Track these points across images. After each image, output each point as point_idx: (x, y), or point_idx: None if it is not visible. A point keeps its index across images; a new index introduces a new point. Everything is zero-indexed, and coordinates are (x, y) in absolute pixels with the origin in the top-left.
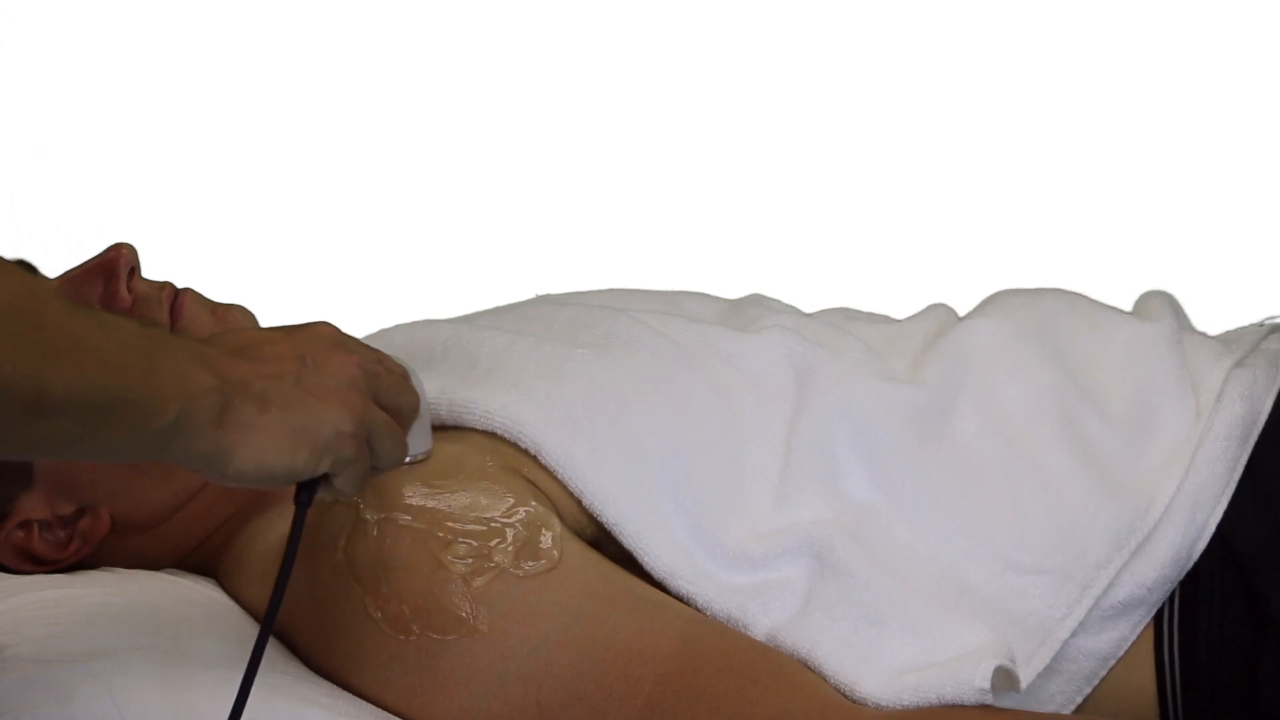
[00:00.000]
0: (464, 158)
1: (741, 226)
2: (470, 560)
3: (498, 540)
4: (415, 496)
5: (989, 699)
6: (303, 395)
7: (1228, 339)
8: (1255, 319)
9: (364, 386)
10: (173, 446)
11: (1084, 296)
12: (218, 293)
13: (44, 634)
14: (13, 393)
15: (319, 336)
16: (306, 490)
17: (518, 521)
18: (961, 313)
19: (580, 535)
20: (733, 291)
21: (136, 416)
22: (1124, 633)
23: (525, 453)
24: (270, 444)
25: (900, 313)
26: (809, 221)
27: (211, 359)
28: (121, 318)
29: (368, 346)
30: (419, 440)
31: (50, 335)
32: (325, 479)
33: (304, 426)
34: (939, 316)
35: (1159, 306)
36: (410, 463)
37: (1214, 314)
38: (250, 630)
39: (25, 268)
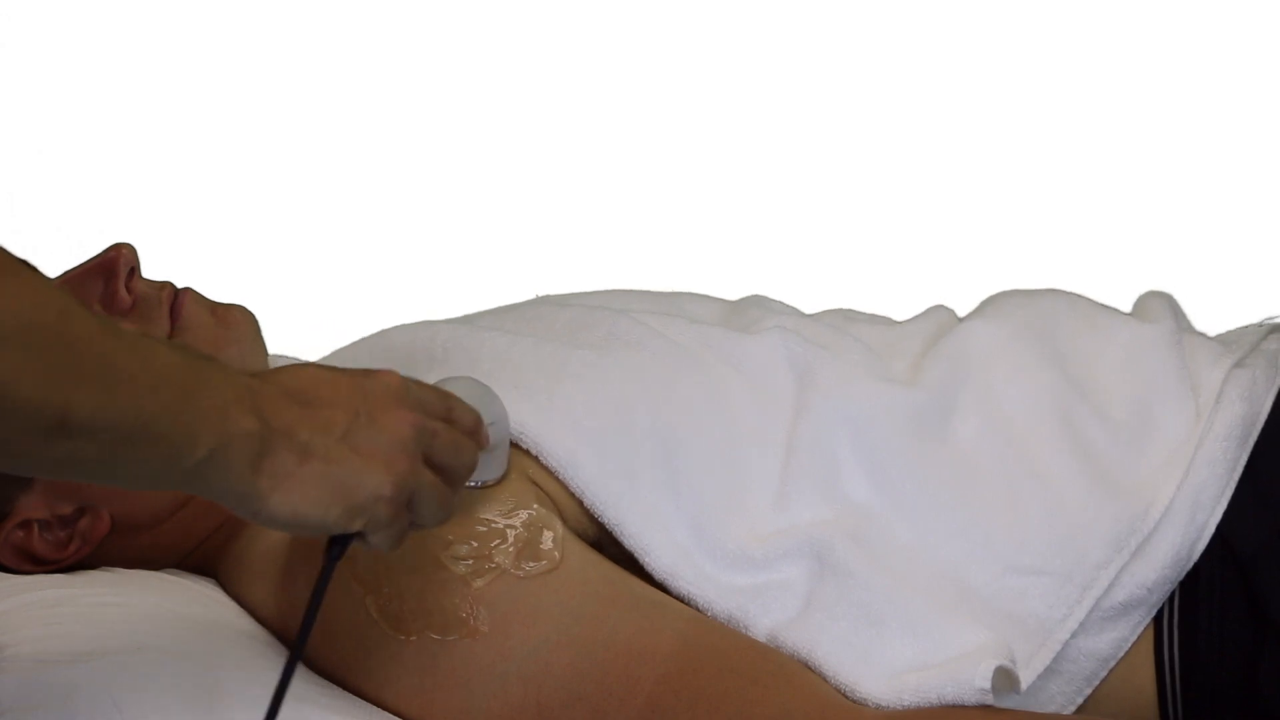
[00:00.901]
0: (464, 158)
1: (741, 226)
2: (471, 561)
3: (499, 541)
4: None
5: (989, 699)
6: (347, 452)
7: (1227, 339)
8: (1255, 319)
9: (414, 448)
10: (204, 483)
11: (1083, 297)
12: (218, 293)
13: (44, 634)
14: (34, 411)
15: (381, 388)
16: (338, 544)
17: (519, 523)
18: (961, 314)
19: (581, 536)
20: (733, 292)
21: (166, 449)
22: (1124, 633)
23: (526, 453)
24: (305, 496)
25: (900, 314)
26: (809, 222)
27: (260, 398)
28: (167, 344)
29: (436, 393)
30: (490, 467)
31: (79, 355)
32: (360, 534)
33: (342, 484)
34: (939, 318)
35: (1158, 307)
36: (474, 488)
37: (1214, 314)
38: (250, 630)
39: (25, 268)
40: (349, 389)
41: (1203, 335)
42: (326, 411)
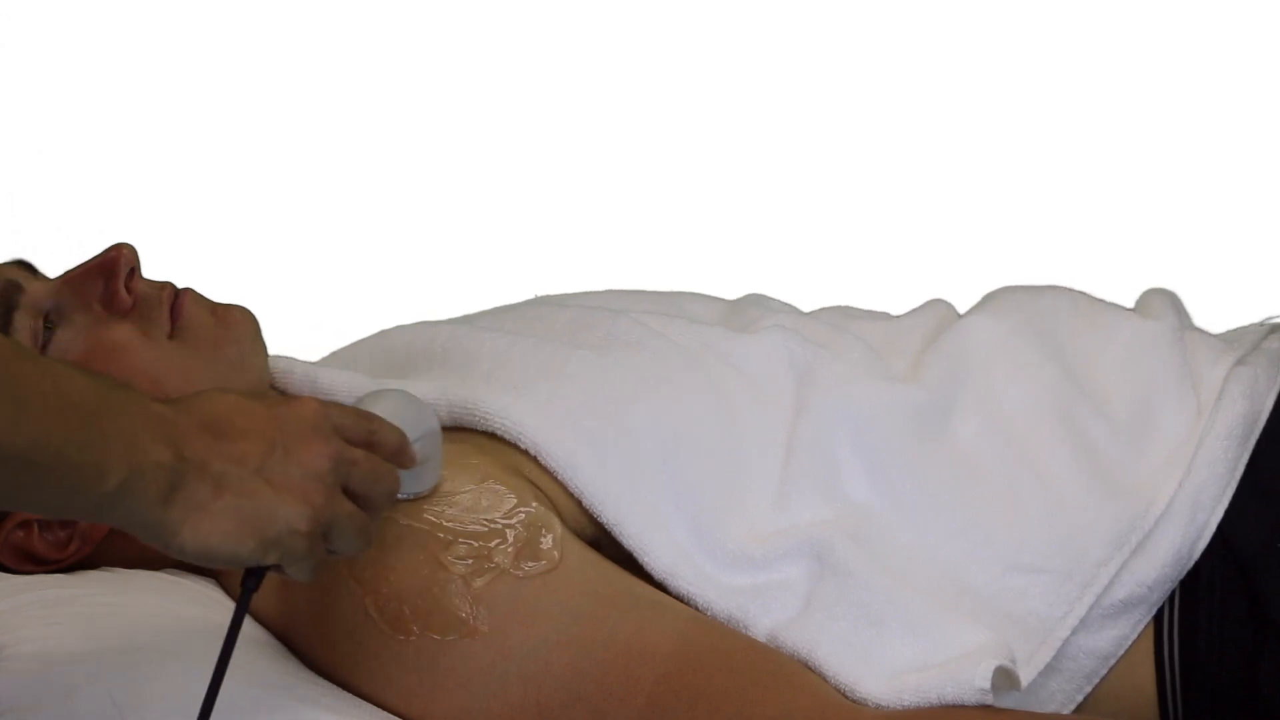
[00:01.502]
0: (464, 158)
1: (741, 226)
2: (470, 561)
3: (498, 541)
4: None
5: (989, 699)
6: (261, 484)
7: (1228, 338)
8: (1256, 318)
9: (331, 479)
10: (115, 513)
11: (1085, 294)
12: (218, 293)
13: (44, 634)
14: None
15: (298, 418)
16: (254, 576)
17: (518, 523)
18: (962, 312)
19: (581, 536)
20: (733, 291)
21: (73, 479)
22: (1124, 631)
23: (525, 454)
24: (217, 529)
25: (899, 313)
26: (808, 221)
27: (174, 429)
28: (79, 372)
29: (358, 417)
30: (421, 479)
31: None
32: (276, 566)
33: (256, 517)
34: (938, 313)
35: (1160, 304)
36: (404, 499)
37: (1215, 313)
38: (250, 631)
39: (25, 268)
40: (265, 420)
41: (1204, 332)
42: (242, 443)
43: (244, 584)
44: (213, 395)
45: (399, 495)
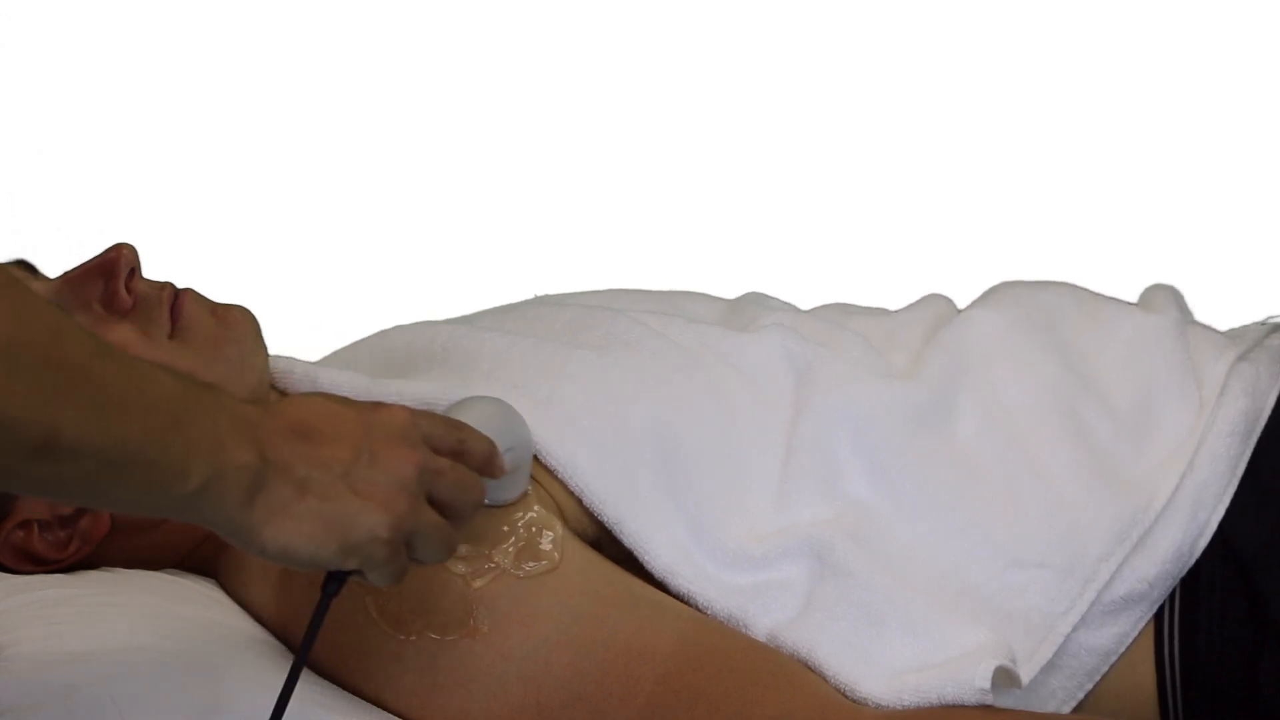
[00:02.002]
0: (463, 158)
1: (739, 224)
2: (471, 561)
3: (499, 541)
4: None
5: (989, 699)
6: (345, 490)
7: (1231, 335)
8: (1258, 317)
9: (415, 488)
10: (197, 512)
11: (1086, 289)
12: (218, 293)
13: (44, 634)
14: (19, 431)
15: (387, 425)
16: (335, 580)
17: (519, 523)
18: (961, 306)
19: (581, 535)
20: (732, 291)
21: (156, 476)
22: (1125, 628)
23: None
24: (299, 532)
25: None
26: (808, 220)
27: (260, 430)
28: (168, 371)
29: (448, 425)
30: (509, 488)
31: (68, 376)
32: (358, 571)
33: (338, 522)
34: (937, 307)
35: (1163, 300)
36: (491, 507)
37: (1217, 312)
38: (251, 631)
39: (25, 268)
40: (354, 425)
41: (1207, 327)
42: (328, 448)
43: (324, 588)
44: (302, 399)
45: (485, 503)
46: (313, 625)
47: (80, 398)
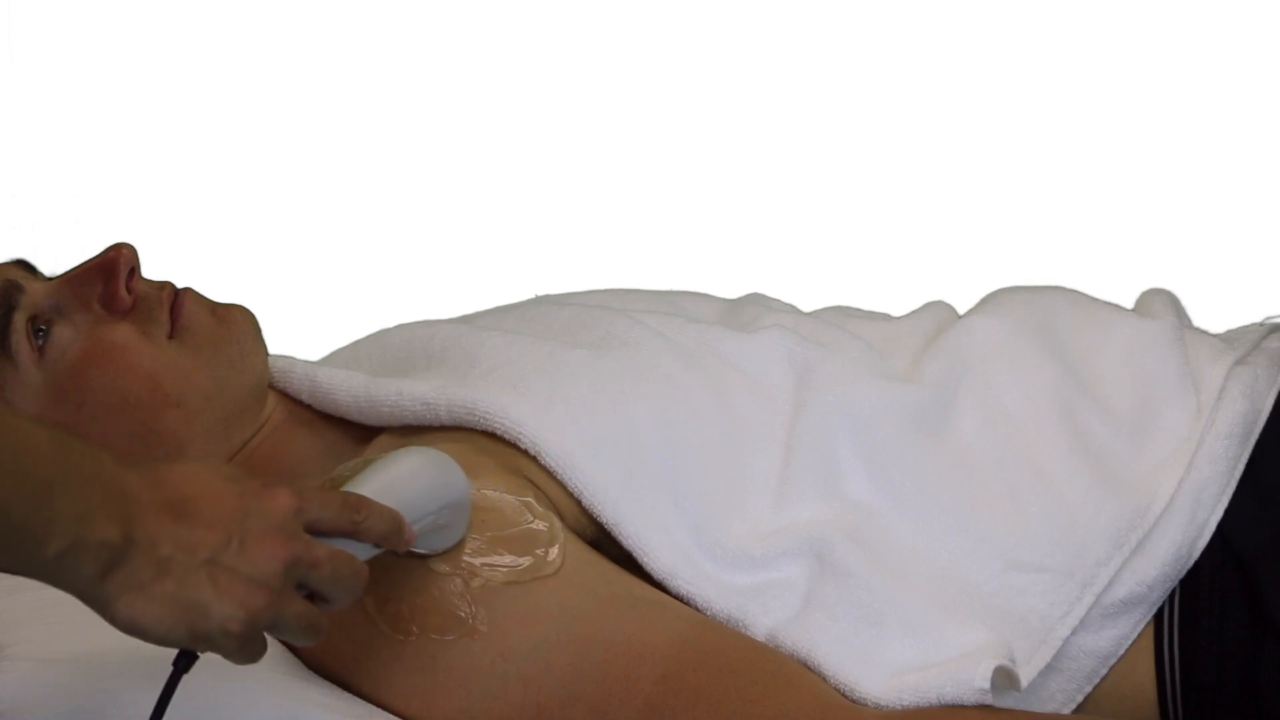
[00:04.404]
0: (463, 158)
1: (741, 226)
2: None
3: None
4: None
5: (989, 699)
6: (204, 578)
7: (1229, 338)
8: (1256, 318)
9: (280, 582)
10: (53, 577)
11: (1084, 294)
12: (218, 293)
13: (44, 634)
14: None
15: (264, 514)
16: (185, 658)
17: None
18: (961, 311)
19: (580, 535)
20: (733, 291)
21: (16, 540)
22: (1124, 631)
23: (525, 453)
24: (150, 612)
25: (900, 313)
26: (808, 221)
27: (134, 505)
28: (49, 435)
29: (343, 509)
30: (443, 538)
31: None
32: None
33: (191, 608)
34: (938, 314)
35: (1160, 305)
36: (423, 555)
37: (1215, 313)
38: None
39: (25, 268)
40: (231, 509)
41: (1204, 332)
42: (199, 530)
43: (175, 663)
44: (190, 470)
45: (419, 550)
46: (162, 699)
47: None
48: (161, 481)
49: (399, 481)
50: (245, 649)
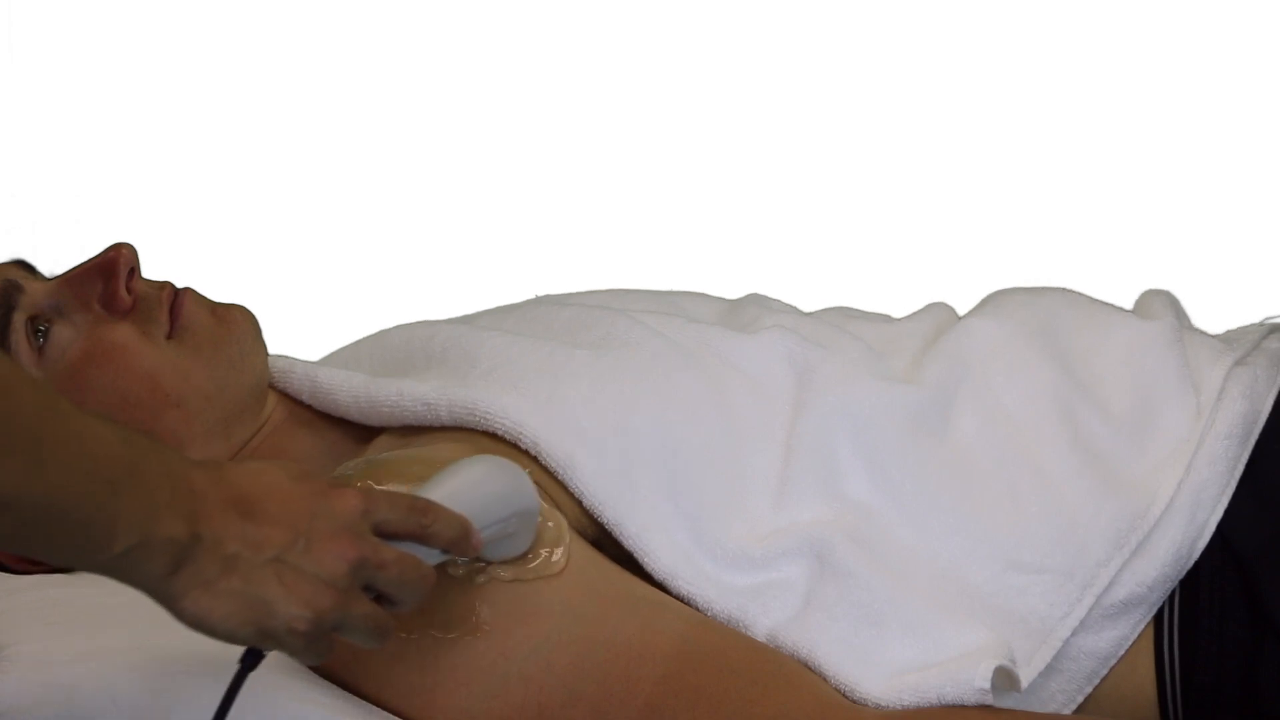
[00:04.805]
0: (463, 158)
1: (741, 226)
2: (472, 559)
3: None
4: None
5: (989, 699)
6: (271, 576)
7: (1228, 338)
8: (1256, 319)
9: (346, 582)
10: (119, 574)
11: (1084, 295)
12: (218, 293)
13: (44, 634)
14: None
15: (332, 513)
16: (252, 655)
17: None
18: (961, 312)
19: (582, 535)
20: (733, 291)
21: (83, 537)
22: (1124, 632)
23: (525, 453)
24: (216, 608)
25: (900, 313)
26: (809, 221)
27: (201, 502)
28: (117, 431)
29: (410, 510)
30: (511, 546)
31: (10, 429)
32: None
33: (258, 606)
34: (938, 316)
35: (1159, 306)
36: (494, 562)
37: (1214, 314)
38: None
39: (25, 268)
40: (299, 507)
41: (1203, 333)
42: (266, 528)
43: (242, 660)
44: (257, 469)
45: (490, 558)
46: (228, 696)
47: (20, 451)
48: (228, 479)
49: (468, 488)
50: (311, 648)
